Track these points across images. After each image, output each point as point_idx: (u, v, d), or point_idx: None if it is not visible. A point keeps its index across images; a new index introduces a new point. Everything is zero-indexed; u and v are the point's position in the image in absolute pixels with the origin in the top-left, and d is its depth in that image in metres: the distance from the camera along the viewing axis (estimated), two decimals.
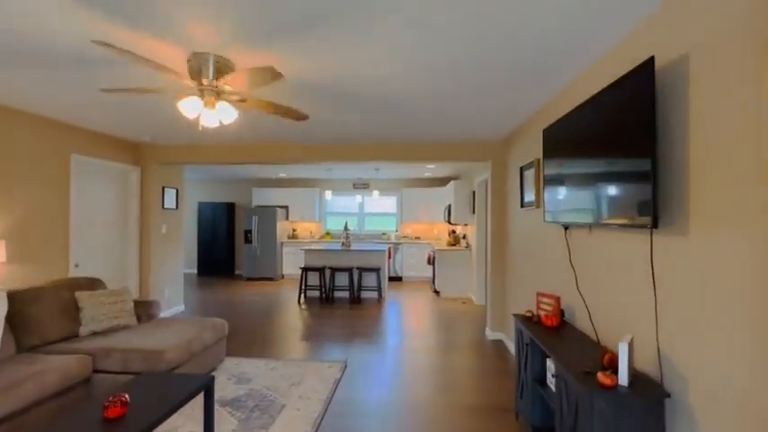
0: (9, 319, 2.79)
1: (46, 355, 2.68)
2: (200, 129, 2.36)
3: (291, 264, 8.62)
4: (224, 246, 8.98)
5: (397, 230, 9.03)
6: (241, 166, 7.08)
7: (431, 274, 8.06)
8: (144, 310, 3.60)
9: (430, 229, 8.90)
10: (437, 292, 7.00)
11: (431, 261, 7.46)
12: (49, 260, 3.62)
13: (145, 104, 3.24)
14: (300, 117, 2.80)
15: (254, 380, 3.23)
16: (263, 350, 3.99)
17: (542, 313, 2.54)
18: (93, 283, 3.52)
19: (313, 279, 6.88)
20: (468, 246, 6.85)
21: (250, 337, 4.40)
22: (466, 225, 7.00)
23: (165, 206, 5.20)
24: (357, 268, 6.35)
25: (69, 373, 2.51)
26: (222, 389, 3.05)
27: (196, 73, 2.12)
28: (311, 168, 7.54)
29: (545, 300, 2.55)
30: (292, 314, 5.51)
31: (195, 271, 9.32)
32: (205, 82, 2.14)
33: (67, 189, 3.82)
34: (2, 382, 2.21)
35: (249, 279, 8.43)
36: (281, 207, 8.83)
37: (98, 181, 4.31)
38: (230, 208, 9.06)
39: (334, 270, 6.35)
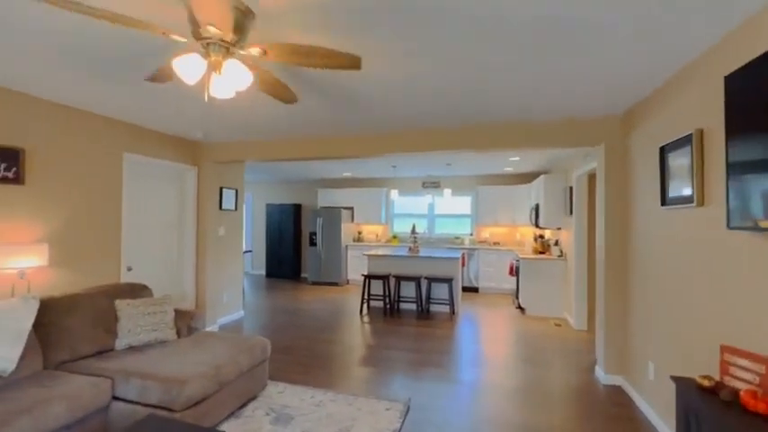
0: (39, 329, 2.54)
1: (69, 375, 2.36)
2: (206, 100, 1.77)
3: (356, 268, 8.11)
4: (290, 248, 8.83)
5: (471, 234, 8.01)
6: (306, 165, 6.75)
7: (513, 287, 6.91)
8: (184, 322, 3.23)
9: (511, 234, 7.72)
10: (521, 309, 5.87)
11: (513, 271, 6.33)
12: (99, 264, 3.44)
13: (194, 97, 2.86)
14: (289, 99, 2.13)
15: (295, 419, 2.62)
16: (313, 374, 3.40)
17: (740, 386, 1.49)
18: (135, 290, 3.24)
19: (377, 288, 6.23)
20: (562, 254, 5.62)
21: (303, 355, 3.86)
22: (558, 229, 5.76)
23: (224, 207, 4.96)
24: (426, 278, 5.54)
25: (79, 403, 2.12)
26: (257, 429, 2.48)
27: (191, 21, 1.53)
28: (377, 167, 6.93)
29: (742, 362, 1.49)
30: (352, 328, 4.90)
31: (264, 272, 9.33)
32: (206, 32, 1.53)
33: (119, 189, 3.64)
34: None
35: (314, 283, 8.12)
36: (345, 208, 8.39)
37: (153, 181, 4.14)
38: (296, 209, 8.88)
39: (399, 279, 5.62)
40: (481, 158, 5.88)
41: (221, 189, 4.91)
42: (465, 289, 7.38)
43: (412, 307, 6.01)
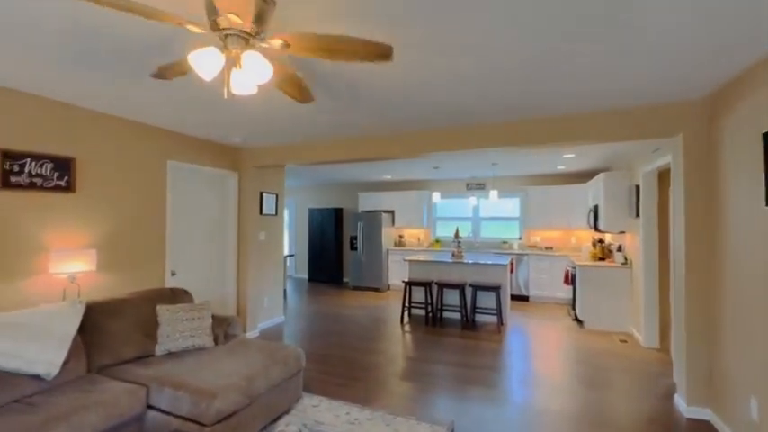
0: (84, 333, 2.59)
1: (108, 380, 2.37)
2: (225, 97, 1.65)
3: (397, 274, 7.90)
4: (331, 252, 8.82)
5: (520, 238, 7.49)
6: (346, 169, 6.68)
7: (569, 296, 6.33)
8: (222, 329, 3.20)
9: (565, 238, 7.10)
10: (579, 321, 5.31)
11: (569, 279, 5.77)
12: (144, 268, 3.53)
13: (231, 102, 2.83)
14: (306, 99, 1.94)
15: None
16: (350, 387, 3.22)
17: None
18: (176, 296, 3.27)
19: (419, 295, 5.96)
20: (626, 261, 5.01)
21: (340, 365, 3.70)
22: (622, 233, 5.16)
23: (264, 212, 4.98)
24: (471, 285, 5.19)
25: (115, 411, 2.11)
26: None
27: (210, 11, 1.41)
28: (418, 169, 6.69)
29: None
30: (393, 337, 4.68)
31: (306, 276, 9.41)
32: (224, 23, 1.41)
33: (164, 196, 3.73)
34: (32, 422, 1.86)
35: (355, 288, 8.02)
36: (386, 212, 8.22)
37: (196, 187, 4.22)
38: (337, 213, 8.87)
39: (442, 286, 5.32)
40: (530, 157, 5.43)
41: (261, 194, 4.94)
42: (514, 297, 6.89)
43: (456, 316, 5.68)
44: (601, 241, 5.77)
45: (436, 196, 6.75)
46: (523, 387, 3.25)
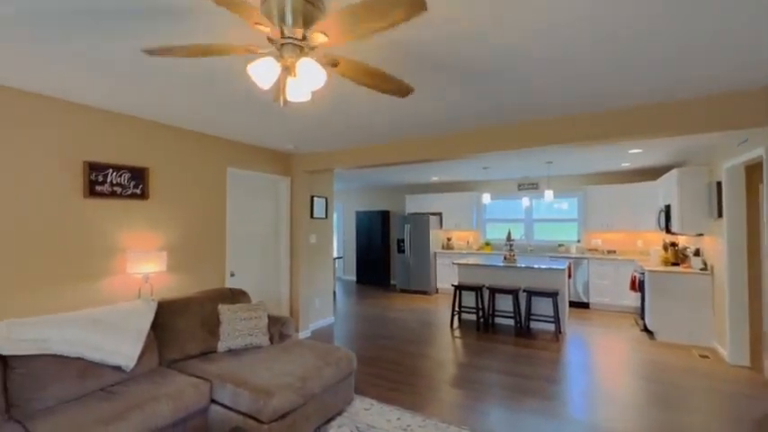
0: (156, 329, 2.81)
1: (177, 374, 2.54)
2: (282, 105, 1.69)
3: (445, 277, 7.75)
4: (379, 254, 8.87)
5: (579, 241, 7.02)
6: (393, 172, 6.69)
7: (636, 304, 5.81)
8: (277, 329, 3.32)
9: (631, 240, 6.54)
10: (649, 333, 4.85)
11: (636, 285, 5.30)
12: (207, 269, 3.77)
13: (284, 110, 2.95)
14: (404, 91, 1.88)
15: None
16: (401, 391, 3.19)
17: None
18: (235, 296, 3.45)
19: (469, 299, 5.80)
20: (706, 267, 4.49)
21: (390, 369, 3.68)
22: (700, 235, 4.63)
23: (315, 215, 5.11)
24: (525, 290, 4.94)
25: (182, 403, 2.25)
26: None
27: (270, 22, 1.46)
28: (466, 170, 6.52)
29: None
30: (443, 343, 4.58)
31: (354, 278, 9.55)
32: (284, 31, 1.44)
33: (224, 201, 3.96)
34: (113, 409, 2.04)
35: (403, 291, 7.99)
36: (433, 214, 8.11)
37: (252, 192, 4.44)
38: (384, 216, 8.91)
39: (494, 290, 5.12)
40: (590, 154, 5.06)
41: (312, 198, 5.08)
42: (572, 304, 6.46)
43: (509, 323, 5.43)
44: (674, 244, 5.22)
45: (486, 197, 6.53)
46: (585, 402, 3.01)
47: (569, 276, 6.06)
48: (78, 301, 2.83)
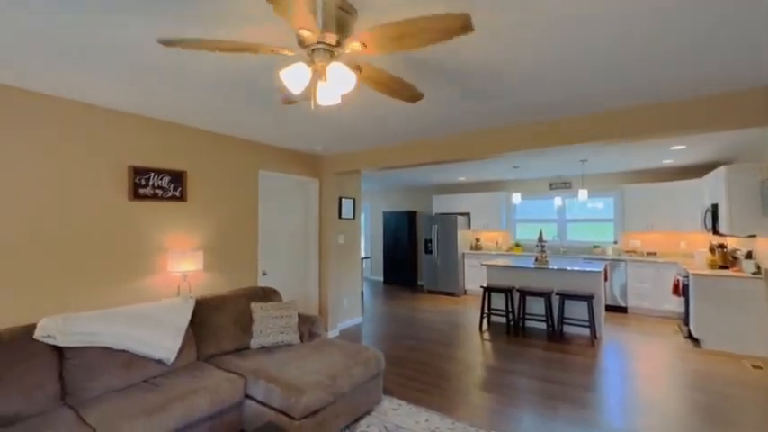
0: (194, 325, 2.94)
1: (213, 368, 2.65)
2: (313, 108, 1.73)
3: (474, 278, 7.63)
4: (406, 255, 8.85)
5: (615, 242, 6.71)
6: (420, 172, 6.67)
7: (679, 309, 5.49)
8: (307, 327, 3.39)
9: (672, 242, 6.19)
10: (694, 340, 4.57)
11: (679, 290, 5.00)
12: (240, 268, 3.90)
13: (314, 113, 3.02)
14: (415, 98, 1.88)
15: None
16: (429, 392, 3.17)
17: None
18: (267, 294, 3.55)
19: (498, 301, 5.68)
20: (759, 270, 4.17)
21: (418, 370, 3.67)
22: (752, 237, 4.32)
23: (343, 216, 5.18)
24: (558, 293, 4.78)
25: (219, 397, 2.34)
26: None
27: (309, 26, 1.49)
28: (495, 169, 6.39)
29: None
30: (471, 345, 4.52)
31: (381, 278, 9.58)
32: (310, 39, 1.48)
33: (256, 203, 4.09)
34: (155, 400, 2.16)
35: (430, 292, 7.94)
36: (461, 214, 8.00)
37: (282, 194, 4.56)
38: (411, 217, 8.88)
39: (525, 293, 4.99)
40: (628, 152, 4.84)
41: (340, 199, 5.15)
42: (609, 308, 6.19)
43: (541, 326, 5.27)
44: (722, 246, 4.89)
45: (516, 197, 6.37)
46: (624, 412, 2.87)
47: (605, 279, 5.80)
48: (124, 297, 3.00)
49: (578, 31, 1.80)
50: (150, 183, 3.15)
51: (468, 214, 8.09)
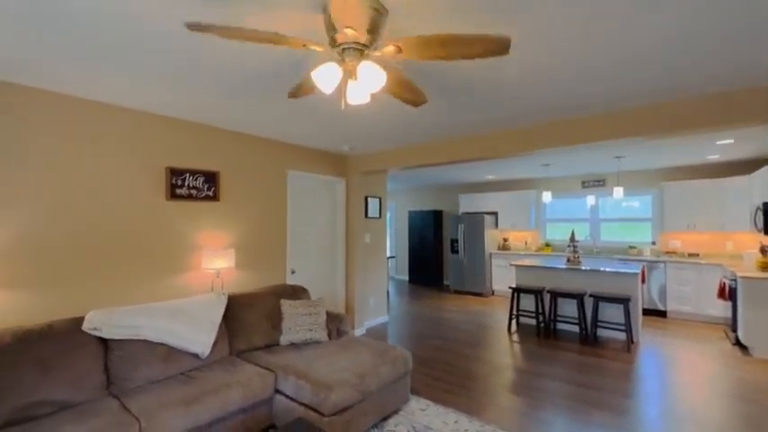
0: (226, 321, 3.04)
1: (245, 363, 2.73)
2: (343, 108, 1.74)
3: (502, 279, 7.47)
4: (432, 255, 8.79)
5: (654, 243, 6.39)
6: (446, 171, 6.61)
7: (726, 314, 5.16)
8: (334, 325, 3.42)
9: (717, 242, 5.82)
10: (742, 347, 4.28)
11: (726, 293, 4.70)
12: (269, 266, 4.00)
13: (341, 113, 3.05)
14: (419, 103, 1.85)
15: None
16: (456, 394, 3.13)
17: None
18: (296, 292, 3.62)
19: (528, 302, 5.53)
20: None
21: (445, 371, 3.64)
22: None
23: (369, 215, 5.20)
24: (592, 295, 4.60)
25: (250, 391, 2.41)
26: None
27: (330, 28, 1.50)
28: (525, 167, 6.23)
29: None
30: (499, 346, 4.42)
31: (407, 278, 9.56)
32: (341, 38, 1.48)
33: (285, 202, 4.18)
34: (192, 392, 2.24)
35: (456, 292, 7.85)
36: (489, 214, 7.86)
37: (310, 193, 4.62)
38: (437, 216, 8.80)
39: (556, 294, 4.83)
40: (669, 147, 4.58)
41: (366, 198, 5.17)
42: (646, 312, 5.90)
43: (573, 329, 5.10)
44: None
45: (546, 196, 6.18)
46: (664, 420, 2.73)
47: (643, 281, 5.53)
48: (162, 293, 3.14)
49: (622, 31, 1.72)
50: (186, 183, 3.28)
51: (495, 213, 7.93)
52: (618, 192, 5.58)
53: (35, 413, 1.99)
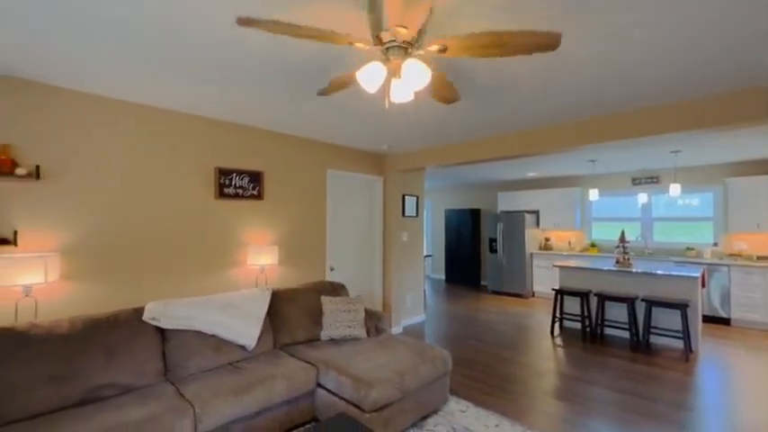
0: (270, 315, 3.16)
1: (288, 357, 2.82)
2: (387, 107, 1.74)
3: (543, 280, 7.20)
4: (469, 254, 8.63)
5: (715, 244, 5.88)
6: (485, 169, 6.46)
7: None
8: (373, 322, 3.46)
9: None
10: None
11: None
12: (310, 263, 4.10)
13: (381, 113, 3.08)
14: (452, 98, 1.80)
15: None
16: (496, 396, 3.06)
17: None
18: (335, 289, 3.69)
19: (572, 305, 5.29)
20: None
21: (484, 372, 3.56)
22: None
23: (406, 214, 5.20)
24: (644, 300, 4.32)
25: (294, 384, 2.49)
26: None
27: (376, 26, 1.51)
28: (569, 163, 5.95)
29: None
30: (541, 350, 4.27)
31: (443, 277, 9.46)
32: (387, 36, 1.49)
33: (324, 200, 4.27)
34: (240, 382, 2.35)
35: (494, 292, 7.66)
36: (529, 212, 7.59)
37: (348, 192, 4.69)
38: (475, 214, 8.63)
39: (603, 297, 4.59)
40: (735, 140, 4.20)
41: (404, 196, 5.17)
42: (706, 319, 5.45)
43: (622, 335, 4.81)
44: None
45: (593, 194, 5.87)
46: None
47: (702, 286, 5.11)
48: (212, 286, 3.32)
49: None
50: (233, 183, 3.44)
51: (536, 212, 7.65)
52: (675, 189, 5.20)
53: (104, 394, 2.18)
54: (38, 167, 2.42)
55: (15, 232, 2.37)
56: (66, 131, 2.59)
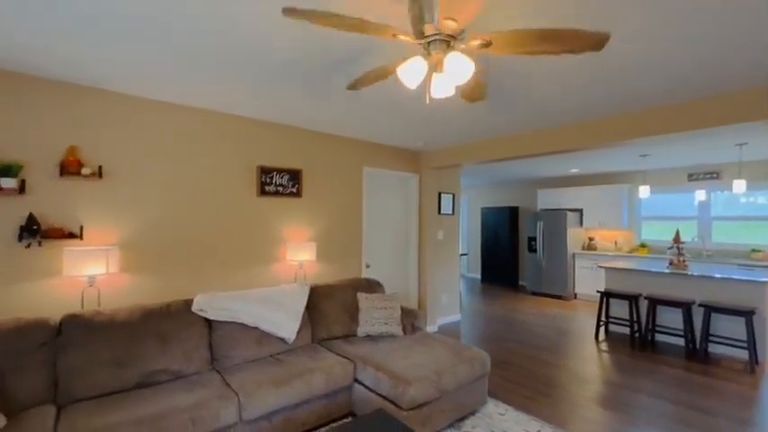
0: (309, 310, 3.23)
1: (326, 351, 2.88)
2: (428, 102, 1.71)
3: (586, 281, 6.85)
4: (506, 253, 8.38)
5: None
6: (524, 165, 6.25)
7: None
8: (409, 320, 3.45)
9: None
10: None
11: None
12: (347, 260, 4.16)
13: (417, 109, 3.06)
14: (479, 97, 1.70)
15: None
16: (536, 401, 2.96)
17: None
18: (371, 286, 3.71)
19: (619, 309, 5.00)
20: None
21: (523, 375, 3.45)
22: None
23: (442, 212, 5.13)
24: (702, 305, 4.00)
25: (332, 378, 2.53)
26: None
27: (419, 19, 1.49)
28: (617, 158, 5.61)
29: None
30: (584, 355, 4.07)
31: (479, 276, 9.26)
32: (430, 29, 1.46)
33: (360, 198, 4.30)
34: (281, 373, 2.42)
35: (533, 293, 7.40)
36: (572, 210, 7.26)
37: (384, 189, 4.70)
38: (513, 213, 8.37)
39: (655, 301, 4.29)
40: None
41: (439, 194, 5.10)
42: None
43: (676, 342, 4.49)
44: None
45: (644, 190, 5.50)
46: None
47: None
48: (254, 281, 3.45)
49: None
50: (273, 181, 3.55)
51: (580, 210, 7.29)
52: (739, 185, 4.76)
53: (157, 379, 2.33)
54: (100, 167, 2.62)
55: (81, 227, 2.58)
56: (123, 133, 2.78)
